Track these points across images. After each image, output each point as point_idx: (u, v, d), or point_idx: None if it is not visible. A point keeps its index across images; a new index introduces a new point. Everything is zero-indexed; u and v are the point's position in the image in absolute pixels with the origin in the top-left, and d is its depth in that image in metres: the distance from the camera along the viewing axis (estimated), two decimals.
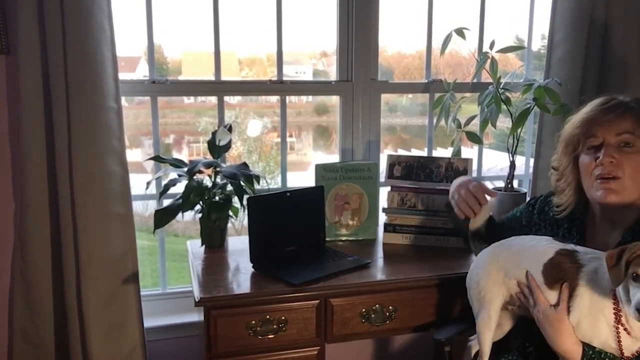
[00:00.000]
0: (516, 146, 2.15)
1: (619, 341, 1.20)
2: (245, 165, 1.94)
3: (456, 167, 1.96)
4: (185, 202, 1.82)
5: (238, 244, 1.97)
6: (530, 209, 1.62)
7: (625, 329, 1.19)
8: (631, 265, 1.12)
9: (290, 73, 2.60)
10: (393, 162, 2.01)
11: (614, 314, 1.20)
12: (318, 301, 1.62)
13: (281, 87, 2.20)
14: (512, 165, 2.17)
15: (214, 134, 1.94)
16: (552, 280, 1.30)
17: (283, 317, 1.60)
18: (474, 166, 2.28)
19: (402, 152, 3.50)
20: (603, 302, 1.21)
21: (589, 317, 1.23)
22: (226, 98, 2.20)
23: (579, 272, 1.26)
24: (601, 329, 1.21)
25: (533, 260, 1.35)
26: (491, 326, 1.42)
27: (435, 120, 2.26)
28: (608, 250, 1.19)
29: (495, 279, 1.42)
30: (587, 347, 1.22)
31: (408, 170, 1.99)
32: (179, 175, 1.88)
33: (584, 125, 1.38)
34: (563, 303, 1.26)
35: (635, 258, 1.12)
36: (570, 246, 1.33)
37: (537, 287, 1.31)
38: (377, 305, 1.67)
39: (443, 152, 2.75)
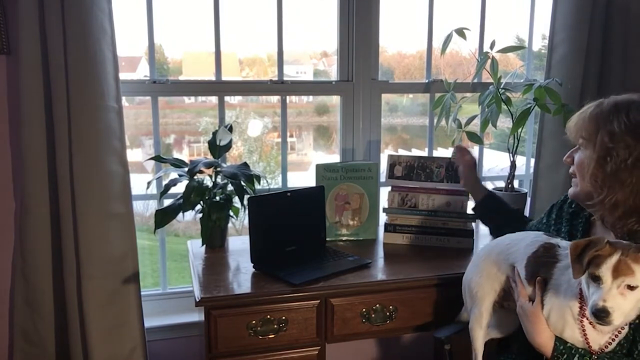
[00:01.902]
0: (517, 146, 2.15)
1: (585, 334, 1.20)
2: (245, 165, 1.94)
3: (456, 167, 1.95)
4: (185, 202, 1.82)
5: (238, 243, 1.97)
6: (550, 208, 1.64)
7: (590, 322, 1.19)
8: (591, 266, 1.12)
9: (291, 73, 2.60)
10: (393, 162, 2.01)
11: (579, 307, 1.20)
12: (318, 301, 1.62)
13: (282, 87, 2.20)
14: (513, 165, 2.17)
15: (214, 134, 1.94)
16: (532, 275, 1.31)
17: (283, 317, 1.59)
18: None
19: (402, 152, 3.51)
20: (570, 296, 1.22)
21: (557, 310, 1.24)
22: (227, 98, 2.19)
23: (554, 266, 1.27)
24: (568, 322, 1.22)
25: (520, 254, 1.36)
26: (482, 323, 1.43)
27: (435, 120, 2.26)
28: (574, 240, 1.18)
29: (488, 275, 1.43)
30: (558, 342, 1.24)
31: (408, 170, 1.99)
32: (180, 175, 1.88)
33: (567, 130, 1.46)
34: (538, 297, 1.28)
35: (595, 258, 1.12)
36: (555, 240, 1.34)
37: (520, 281, 1.34)
38: (377, 305, 1.67)
39: (444, 152, 2.75)
